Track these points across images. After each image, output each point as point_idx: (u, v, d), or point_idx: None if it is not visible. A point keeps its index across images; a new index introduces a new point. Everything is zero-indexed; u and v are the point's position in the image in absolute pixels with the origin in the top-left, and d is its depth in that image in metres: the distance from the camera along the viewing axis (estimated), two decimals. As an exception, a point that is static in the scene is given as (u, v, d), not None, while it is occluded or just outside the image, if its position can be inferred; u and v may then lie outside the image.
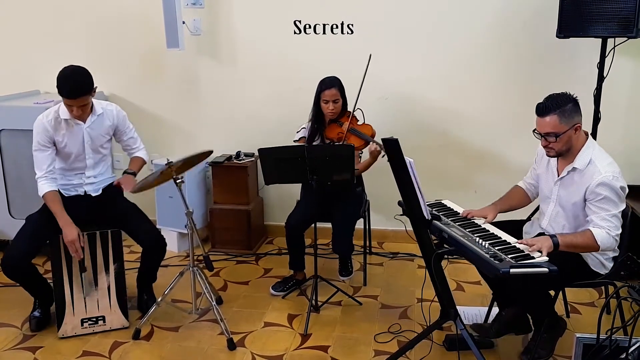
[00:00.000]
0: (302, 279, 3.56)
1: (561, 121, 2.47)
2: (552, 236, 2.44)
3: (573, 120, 2.50)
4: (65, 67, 2.92)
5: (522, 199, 2.90)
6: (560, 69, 3.79)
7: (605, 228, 2.44)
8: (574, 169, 2.57)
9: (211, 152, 3.18)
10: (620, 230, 2.48)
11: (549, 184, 2.71)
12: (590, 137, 2.60)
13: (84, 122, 3.06)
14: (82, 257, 3.00)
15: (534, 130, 2.57)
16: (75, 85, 2.87)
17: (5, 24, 4.43)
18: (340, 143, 3.38)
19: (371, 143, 3.32)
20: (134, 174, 3.20)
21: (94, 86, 2.97)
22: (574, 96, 2.53)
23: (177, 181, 2.96)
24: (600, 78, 3.45)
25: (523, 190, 2.91)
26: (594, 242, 2.44)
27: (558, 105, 2.47)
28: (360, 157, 3.60)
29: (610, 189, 2.45)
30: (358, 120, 3.51)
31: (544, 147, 2.57)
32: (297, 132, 3.59)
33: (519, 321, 2.86)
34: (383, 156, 3.25)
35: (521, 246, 2.40)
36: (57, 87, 2.86)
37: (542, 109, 2.50)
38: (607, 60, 3.43)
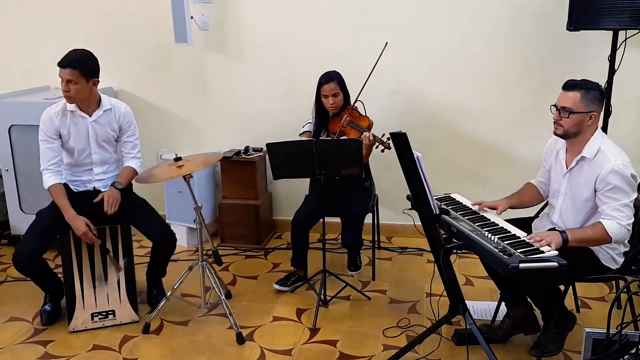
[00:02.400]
0: (303, 275, 3.57)
1: (582, 101, 2.48)
2: (562, 232, 2.43)
3: (592, 106, 2.50)
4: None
5: (535, 197, 2.88)
6: (571, 61, 3.75)
7: (617, 218, 2.42)
8: (582, 158, 2.55)
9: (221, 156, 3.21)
10: (632, 220, 2.46)
11: (558, 177, 2.69)
12: (599, 129, 2.59)
13: (90, 116, 3.09)
14: (101, 242, 3.03)
15: (552, 105, 2.57)
16: (71, 55, 2.95)
17: (15, 20, 4.46)
18: (342, 137, 3.38)
19: (364, 133, 3.31)
20: (121, 188, 3.10)
21: (95, 74, 3.01)
22: (603, 88, 2.55)
23: (186, 176, 2.97)
24: (611, 71, 3.42)
25: (535, 188, 2.88)
26: (605, 234, 2.42)
27: (586, 86, 2.50)
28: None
29: (621, 177, 2.42)
30: (360, 113, 3.51)
31: (555, 121, 2.57)
32: (303, 126, 3.59)
33: (528, 321, 2.86)
34: (377, 147, 3.26)
35: (530, 240, 2.39)
36: None
37: (570, 84, 2.54)
38: (619, 53, 3.39)
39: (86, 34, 4.33)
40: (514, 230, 2.51)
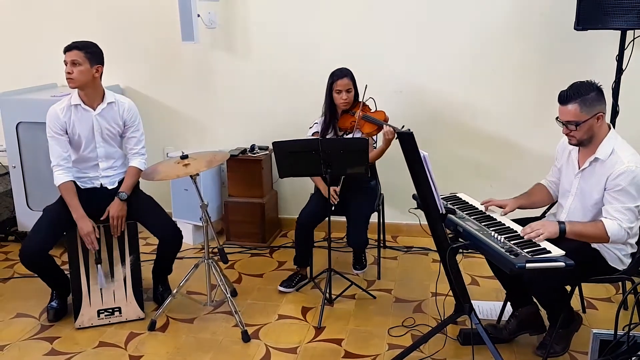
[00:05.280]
0: (306, 273, 3.57)
1: (582, 110, 2.44)
2: (560, 222, 2.42)
3: (595, 109, 2.46)
4: None
5: (545, 197, 2.86)
6: (578, 61, 3.73)
7: (618, 220, 2.41)
8: (595, 159, 2.52)
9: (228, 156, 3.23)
10: (633, 224, 2.43)
11: (570, 177, 2.67)
12: (612, 128, 2.56)
13: (94, 110, 3.10)
14: (98, 249, 3.03)
15: (556, 118, 2.53)
16: (76, 41, 3.04)
17: (22, 18, 4.47)
18: (354, 132, 3.37)
19: (385, 126, 3.30)
20: (125, 199, 3.10)
21: (98, 60, 3.05)
22: (599, 84, 2.49)
23: (192, 175, 2.98)
24: (619, 71, 3.41)
25: (545, 188, 2.86)
26: (604, 233, 2.40)
27: (580, 94, 2.44)
28: (375, 145, 3.58)
29: (631, 180, 2.40)
30: (371, 109, 3.51)
31: (566, 134, 2.54)
32: (310, 127, 3.59)
33: (534, 321, 2.85)
34: (397, 138, 3.25)
35: (523, 234, 2.39)
36: None
37: (564, 97, 2.48)
38: (626, 53, 3.37)
39: (93, 32, 4.30)
40: (520, 229, 2.50)
